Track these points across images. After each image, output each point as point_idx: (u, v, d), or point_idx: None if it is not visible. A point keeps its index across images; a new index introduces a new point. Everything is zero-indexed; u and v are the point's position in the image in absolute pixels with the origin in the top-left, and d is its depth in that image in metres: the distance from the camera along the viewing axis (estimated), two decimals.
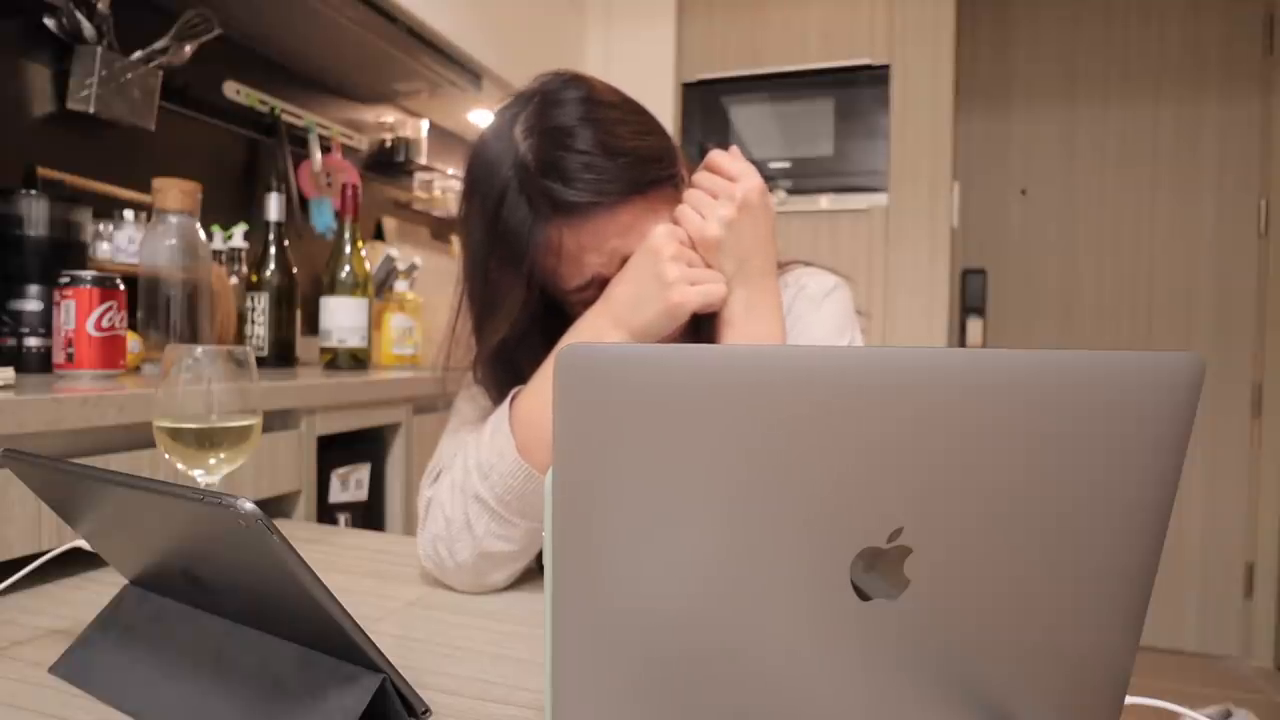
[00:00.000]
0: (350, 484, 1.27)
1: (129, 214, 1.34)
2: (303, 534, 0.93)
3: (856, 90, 2.45)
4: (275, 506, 1.10)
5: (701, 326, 0.73)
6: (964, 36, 2.61)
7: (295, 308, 1.46)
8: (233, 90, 1.66)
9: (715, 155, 0.71)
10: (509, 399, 0.69)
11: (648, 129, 0.71)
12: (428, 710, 0.45)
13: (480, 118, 2.34)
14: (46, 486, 0.52)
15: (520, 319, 0.71)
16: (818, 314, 0.77)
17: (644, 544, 0.32)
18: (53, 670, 0.52)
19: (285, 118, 1.78)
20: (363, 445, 1.31)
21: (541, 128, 0.67)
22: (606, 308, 0.68)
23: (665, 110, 2.56)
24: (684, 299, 0.65)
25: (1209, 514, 2.61)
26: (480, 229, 0.70)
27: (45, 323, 1.09)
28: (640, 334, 0.67)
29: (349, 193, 1.45)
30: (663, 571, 0.33)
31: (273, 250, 1.40)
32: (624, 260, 0.69)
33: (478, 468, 0.67)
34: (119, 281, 1.02)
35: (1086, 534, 0.35)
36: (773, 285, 0.71)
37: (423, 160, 2.21)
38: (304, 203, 1.83)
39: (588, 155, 0.66)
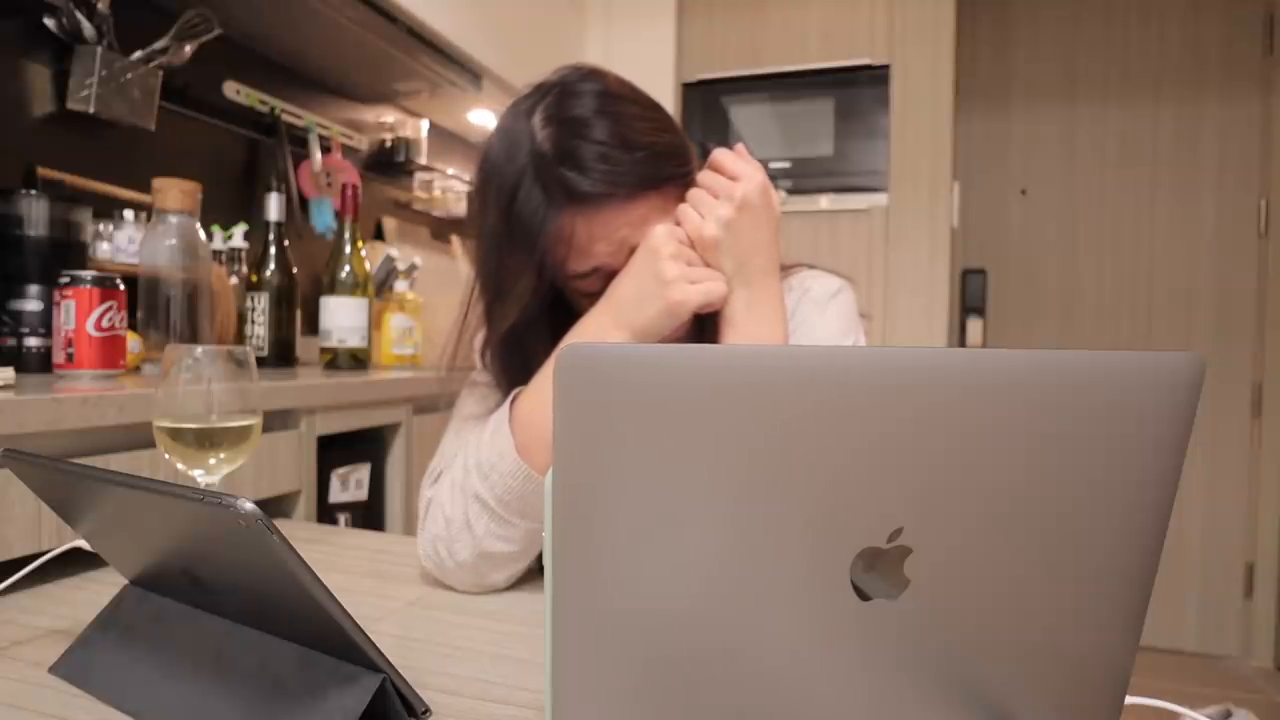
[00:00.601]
0: (350, 484, 1.27)
1: (129, 214, 1.34)
2: (303, 534, 0.93)
3: (856, 90, 2.45)
4: (275, 506, 1.10)
5: (705, 327, 0.73)
6: (964, 36, 2.61)
7: (295, 308, 1.46)
8: (233, 90, 1.66)
9: (719, 154, 0.71)
10: (509, 399, 0.69)
11: (664, 126, 0.71)
12: (428, 710, 0.45)
13: (480, 118, 2.34)
14: (46, 486, 0.52)
15: (530, 305, 0.71)
16: (822, 316, 0.77)
17: (644, 544, 0.32)
18: (53, 670, 0.52)
19: (285, 118, 1.78)
20: (363, 445, 1.31)
21: (560, 117, 0.68)
22: (608, 307, 0.68)
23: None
24: (684, 297, 0.66)
25: (1209, 514, 2.61)
26: (495, 215, 0.70)
27: (45, 323, 1.09)
28: (642, 333, 0.67)
29: (349, 193, 1.45)
30: (663, 572, 0.33)
31: (273, 250, 1.40)
32: (631, 251, 0.69)
33: (477, 467, 0.67)
34: (119, 281, 1.02)
35: (1086, 534, 0.35)
36: (774, 285, 0.71)
37: (423, 160, 2.21)
38: (304, 203, 1.83)
39: (605, 146, 0.66)
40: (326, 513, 1.22)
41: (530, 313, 0.71)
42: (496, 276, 0.72)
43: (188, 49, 1.42)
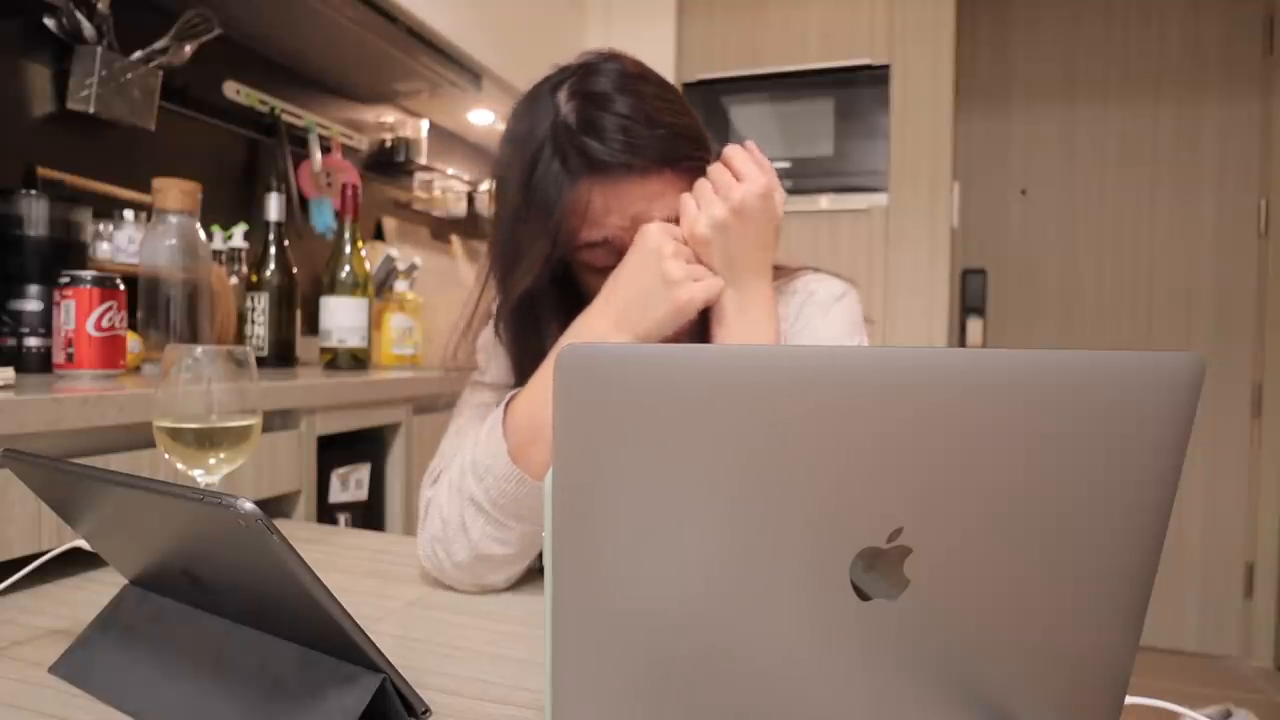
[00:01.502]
0: (350, 484, 1.27)
1: (129, 214, 1.34)
2: (303, 534, 0.93)
3: (856, 90, 2.45)
4: (275, 506, 1.10)
5: (707, 324, 0.73)
6: (964, 36, 2.60)
7: (295, 308, 1.46)
8: (233, 90, 1.66)
9: (730, 150, 0.71)
10: (504, 402, 0.69)
11: (684, 111, 0.73)
12: (428, 710, 0.45)
13: (480, 117, 2.34)
14: (46, 486, 0.52)
15: (543, 273, 0.71)
16: (825, 319, 0.77)
17: (644, 544, 0.32)
18: (53, 670, 0.52)
19: (285, 118, 1.78)
20: (363, 445, 1.31)
21: (584, 92, 0.69)
22: (609, 310, 0.68)
23: None
24: (691, 296, 0.66)
25: (1209, 514, 2.61)
26: (515, 185, 0.71)
27: (45, 323, 1.09)
28: (645, 335, 0.67)
29: (349, 193, 1.45)
30: (663, 572, 0.33)
31: (273, 250, 1.40)
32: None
33: (473, 469, 0.67)
34: (119, 281, 1.02)
35: (1086, 534, 0.35)
36: (765, 288, 0.71)
37: (423, 160, 2.20)
38: (304, 203, 1.82)
39: (627, 120, 0.67)
40: (326, 513, 1.22)
41: (542, 281, 0.72)
42: (513, 244, 0.72)
43: (188, 49, 1.41)
